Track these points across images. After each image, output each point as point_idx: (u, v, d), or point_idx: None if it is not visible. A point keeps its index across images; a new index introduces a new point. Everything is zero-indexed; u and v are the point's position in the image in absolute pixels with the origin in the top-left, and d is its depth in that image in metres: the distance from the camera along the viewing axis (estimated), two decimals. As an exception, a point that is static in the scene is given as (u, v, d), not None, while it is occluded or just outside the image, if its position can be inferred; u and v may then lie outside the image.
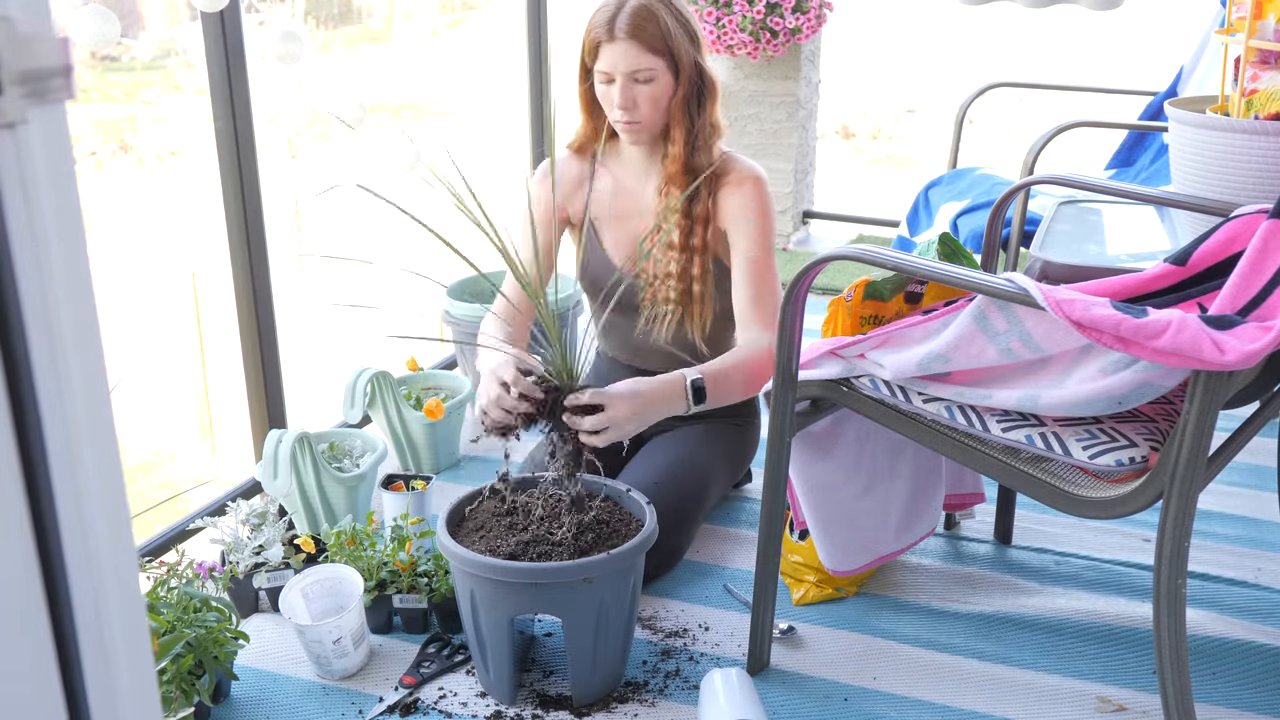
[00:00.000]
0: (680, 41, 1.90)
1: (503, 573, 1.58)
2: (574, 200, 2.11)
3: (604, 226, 2.09)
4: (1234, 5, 2.10)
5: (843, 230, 4.49)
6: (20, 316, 0.53)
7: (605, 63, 1.90)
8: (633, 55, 1.87)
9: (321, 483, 2.06)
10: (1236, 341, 1.23)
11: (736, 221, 1.97)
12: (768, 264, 1.98)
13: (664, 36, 1.88)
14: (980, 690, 1.73)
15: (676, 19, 1.91)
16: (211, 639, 1.63)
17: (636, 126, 1.93)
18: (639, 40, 1.87)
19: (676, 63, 1.91)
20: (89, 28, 1.80)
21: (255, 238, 2.26)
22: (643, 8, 1.88)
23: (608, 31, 1.88)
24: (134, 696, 0.61)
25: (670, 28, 1.89)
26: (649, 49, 1.88)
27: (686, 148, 1.95)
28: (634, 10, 1.88)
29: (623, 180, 2.07)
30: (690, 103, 1.94)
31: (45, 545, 0.55)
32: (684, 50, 1.91)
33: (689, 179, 1.96)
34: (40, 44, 0.51)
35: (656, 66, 1.89)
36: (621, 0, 1.90)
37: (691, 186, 1.94)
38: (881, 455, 1.86)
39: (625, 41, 1.87)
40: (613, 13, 1.89)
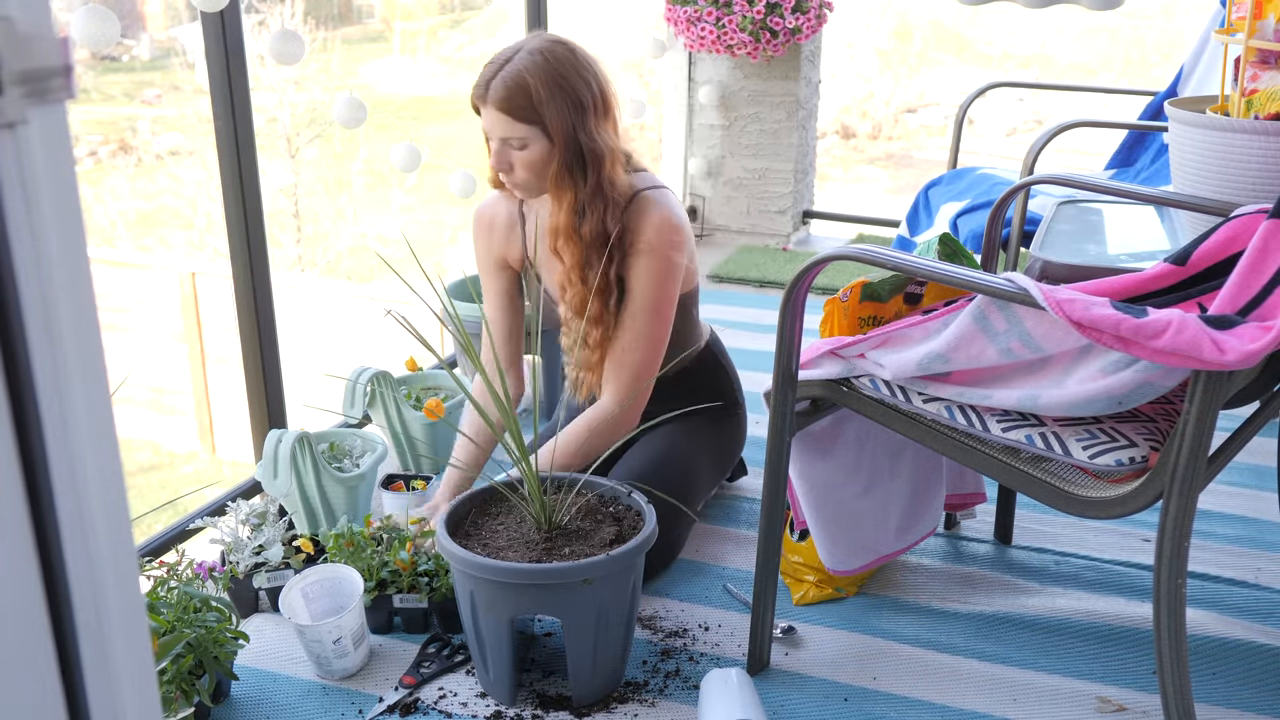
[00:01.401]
0: (556, 110, 1.82)
1: (502, 574, 1.58)
2: (509, 245, 2.09)
3: (542, 267, 2.08)
4: (1234, 5, 2.10)
5: (843, 230, 4.49)
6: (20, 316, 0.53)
7: (483, 122, 1.88)
8: (501, 122, 1.83)
9: (321, 483, 2.06)
10: (1236, 341, 1.23)
11: (633, 280, 1.92)
12: (649, 328, 1.93)
13: (534, 107, 1.82)
14: (980, 690, 1.73)
15: (557, 87, 1.82)
16: (211, 639, 1.63)
17: (516, 188, 1.92)
18: (505, 110, 1.82)
19: (549, 133, 1.84)
20: (89, 28, 1.80)
21: (255, 238, 2.26)
22: (515, 76, 1.81)
23: (481, 94, 1.85)
24: (134, 696, 0.61)
25: (542, 97, 1.81)
26: (517, 118, 1.82)
27: (571, 216, 1.88)
28: (505, 77, 1.82)
29: (545, 222, 2.04)
30: (571, 170, 1.86)
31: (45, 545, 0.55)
32: (560, 119, 1.83)
33: (580, 245, 1.89)
34: (40, 44, 0.51)
35: (527, 134, 1.84)
36: (505, 59, 1.84)
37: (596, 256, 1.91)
38: (882, 455, 1.86)
39: (492, 109, 1.83)
40: (491, 74, 1.84)
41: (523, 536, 1.69)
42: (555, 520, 1.70)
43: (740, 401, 2.23)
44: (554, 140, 1.85)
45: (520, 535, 1.70)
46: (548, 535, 1.69)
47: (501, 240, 2.09)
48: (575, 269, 1.91)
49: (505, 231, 2.08)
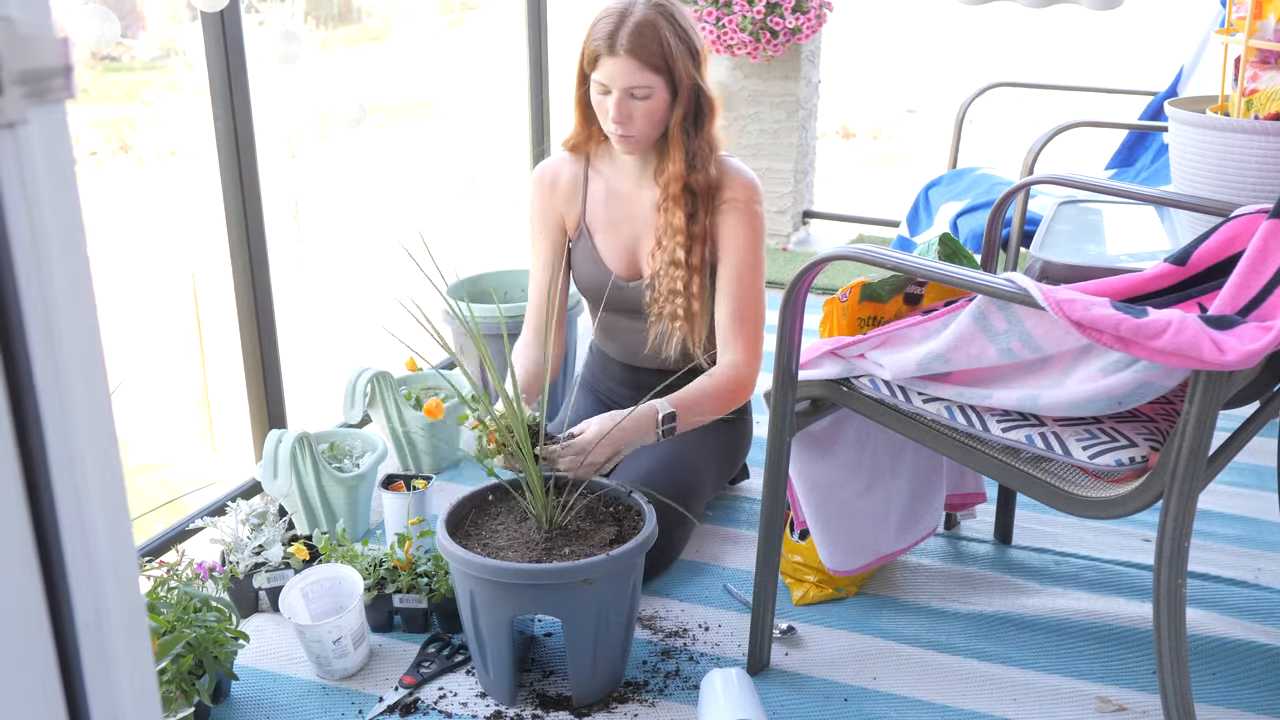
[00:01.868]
0: (681, 60, 1.87)
1: (502, 574, 1.58)
2: (570, 208, 2.10)
3: (598, 231, 2.09)
4: (1234, 5, 2.10)
5: (843, 230, 4.49)
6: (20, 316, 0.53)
7: (603, 74, 1.87)
8: (631, 71, 1.84)
9: (321, 483, 2.06)
10: (1236, 341, 1.23)
11: (728, 237, 1.96)
12: (754, 283, 1.97)
13: (664, 55, 1.85)
14: (980, 690, 1.73)
15: (680, 36, 1.87)
16: (211, 639, 1.63)
17: (630, 140, 1.92)
18: (638, 57, 1.83)
19: (675, 81, 1.88)
20: (89, 28, 1.80)
21: (255, 238, 2.26)
22: (646, 24, 1.84)
23: (608, 45, 1.85)
24: (134, 696, 0.61)
25: (672, 46, 1.85)
26: (648, 66, 1.84)
27: (685, 167, 1.92)
28: (636, 25, 1.84)
29: (616, 186, 2.06)
30: (688, 121, 1.91)
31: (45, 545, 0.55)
32: (684, 69, 1.87)
33: (688, 196, 1.94)
34: (40, 44, 0.51)
35: (654, 84, 1.86)
36: (625, 11, 1.86)
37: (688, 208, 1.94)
38: (882, 455, 1.86)
39: (625, 57, 1.84)
40: (614, 25, 1.85)
41: (523, 536, 1.69)
42: (556, 520, 1.70)
43: (749, 407, 2.23)
44: (679, 89, 1.88)
45: (520, 535, 1.69)
46: (548, 535, 1.69)
47: (564, 200, 2.09)
48: (685, 217, 1.93)
49: (569, 192, 2.09)
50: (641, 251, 2.06)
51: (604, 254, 2.09)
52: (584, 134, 2.05)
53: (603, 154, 2.08)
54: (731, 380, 1.96)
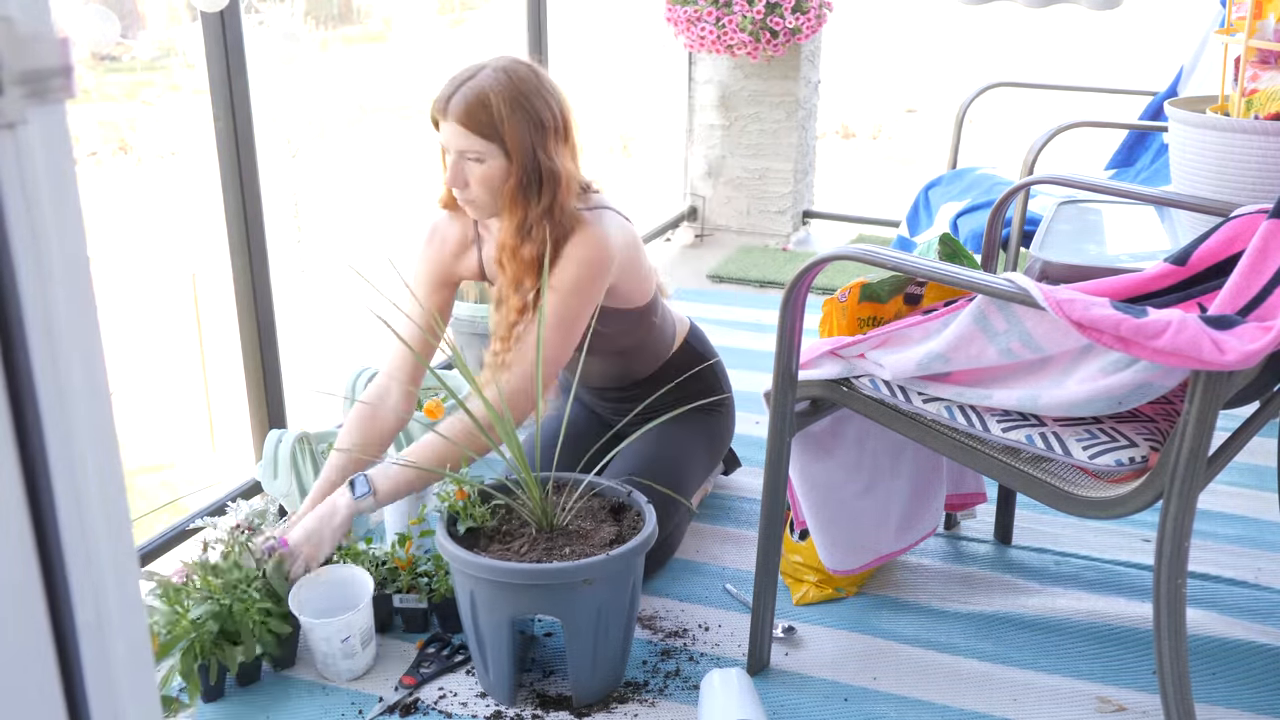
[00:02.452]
0: (516, 129, 1.82)
1: (502, 574, 1.58)
2: (461, 263, 2.06)
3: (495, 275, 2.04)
4: (1234, 5, 2.10)
5: (843, 230, 4.49)
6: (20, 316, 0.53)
7: (441, 136, 1.87)
8: (460, 136, 1.83)
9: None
10: (1236, 341, 1.23)
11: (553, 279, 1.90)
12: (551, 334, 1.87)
13: (492, 123, 1.82)
14: (980, 690, 1.73)
15: (515, 103, 1.82)
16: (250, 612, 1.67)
17: (469, 204, 1.90)
18: (465, 124, 1.82)
19: (507, 150, 1.84)
20: (89, 28, 1.80)
21: (255, 238, 2.26)
22: (478, 93, 1.82)
23: (441, 108, 1.85)
24: (134, 696, 0.61)
25: (503, 115, 1.81)
26: (476, 133, 1.82)
27: (516, 237, 1.88)
28: (467, 92, 1.82)
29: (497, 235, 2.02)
30: (526, 190, 1.86)
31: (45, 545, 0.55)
32: (520, 138, 1.83)
33: (519, 265, 1.89)
34: (40, 44, 0.51)
35: (485, 150, 1.84)
36: (468, 76, 1.85)
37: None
38: (882, 455, 1.86)
39: (453, 123, 1.83)
40: (452, 89, 1.85)
41: (524, 537, 1.69)
42: (555, 521, 1.70)
43: (726, 393, 2.23)
44: (511, 158, 1.84)
45: (520, 536, 1.70)
46: (548, 536, 1.69)
47: (453, 257, 2.06)
48: (510, 285, 1.91)
49: (457, 250, 2.05)
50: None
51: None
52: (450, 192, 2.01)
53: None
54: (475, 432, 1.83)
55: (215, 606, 1.65)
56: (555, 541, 1.67)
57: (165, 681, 1.64)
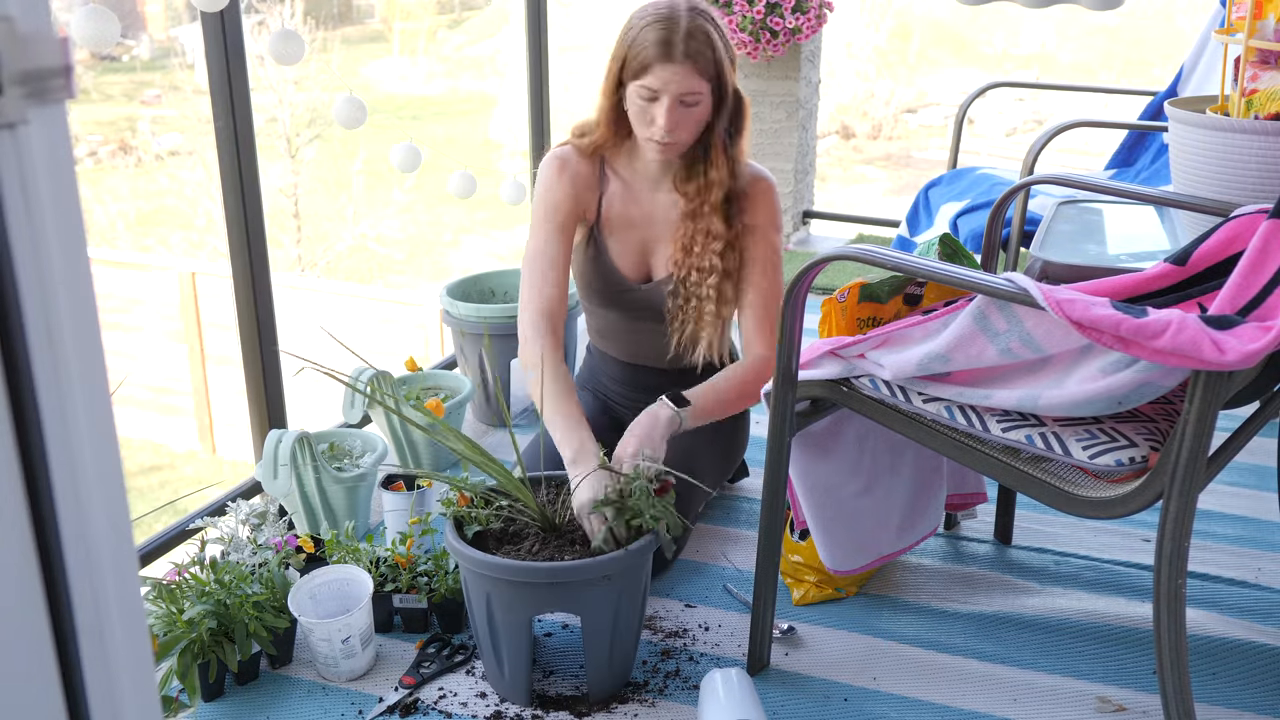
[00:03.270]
0: (727, 68, 1.88)
1: (522, 573, 1.58)
2: (588, 202, 2.05)
3: (611, 233, 2.05)
4: (1234, 5, 2.10)
5: (843, 230, 4.49)
6: (20, 316, 0.53)
7: (656, 80, 1.83)
8: (688, 78, 1.82)
9: (321, 483, 2.05)
10: (1236, 341, 1.23)
11: (755, 236, 1.98)
12: (778, 280, 2.00)
13: (715, 62, 1.84)
14: (980, 690, 1.73)
15: (725, 45, 1.87)
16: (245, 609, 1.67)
17: (672, 148, 1.90)
18: (696, 64, 1.81)
19: (721, 89, 1.88)
20: (89, 28, 1.80)
21: (255, 238, 2.26)
22: (700, 30, 1.82)
23: (663, 51, 1.81)
24: (134, 696, 0.61)
25: (722, 53, 1.86)
26: (701, 74, 1.83)
27: (728, 174, 1.93)
28: (691, 32, 1.82)
29: (633, 187, 2.03)
30: (730, 126, 1.93)
31: (45, 545, 0.55)
32: (728, 76, 1.88)
33: (727, 203, 1.96)
34: (40, 44, 0.51)
35: (703, 91, 1.85)
36: (672, 17, 1.83)
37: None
38: (882, 455, 1.86)
39: (682, 64, 1.80)
40: (666, 31, 1.81)
41: (532, 537, 1.69)
42: (555, 521, 1.71)
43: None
44: (725, 96, 1.89)
45: (529, 536, 1.70)
46: (556, 535, 1.69)
47: (586, 192, 2.04)
48: (724, 223, 1.95)
49: (586, 186, 2.05)
50: (654, 255, 2.05)
51: (615, 255, 2.06)
52: (608, 139, 2.00)
53: (620, 154, 2.04)
54: (755, 375, 1.96)
55: (211, 605, 1.65)
56: (564, 540, 1.68)
57: (165, 682, 1.64)
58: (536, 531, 1.70)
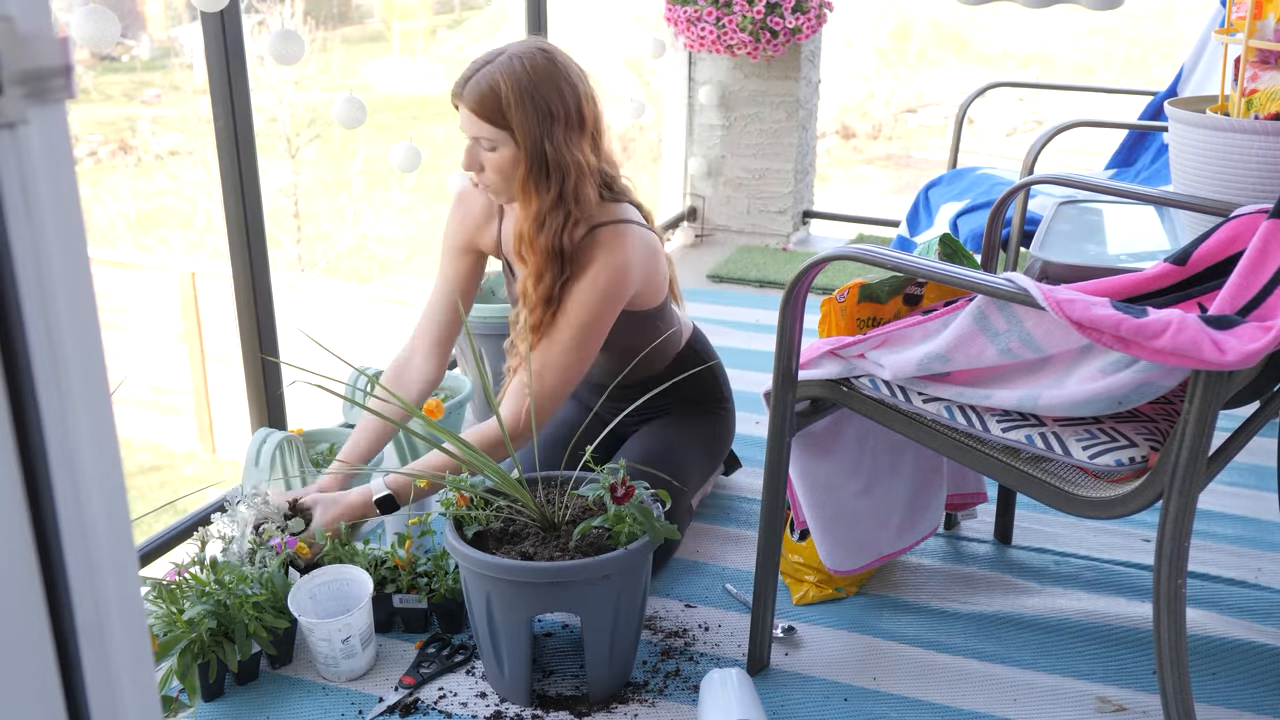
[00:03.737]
0: (525, 118, 1.82)
1: (524, 573, 1.58)
2: (483, 233, 2.09)
3: (515, 259, 2.06)
4: (1234, 5, 2.10)
5: (843, 230, 4.49)
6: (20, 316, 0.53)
7: (459, 118, 1.89)
8: (471, 122, 1.85)
9: (305, 485, 2.04)
10: (1236, 341, 1.23)
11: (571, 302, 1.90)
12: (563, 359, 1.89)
13: (502, 111, 1.82)
14: (980, 690, 1.73)
15: (527, 95, 1.82)
16: (245, 609, 1.67)
17: (486, 188, 1.92)
18: (476, 111, 1.83)
19: (516, 138, 1.85)
20: (89, 28, 1.80)
21: (255, 238, 2.26)
22: (489, 79, 1.82)
23: (457, 92, 1.86)
24: (134, 696, 0.61)
25: (511, 103, 1.81)
26: (486, 120, 1.83)
27: (533, 226, 1.88)
28: (479, 79, 1.83)
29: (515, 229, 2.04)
30: (537, 179, 1.86)
31: (45, 545, 0.55)
32: (529, 128, 1.83)
33: (538, 256, 1.89)
34: (40, 44, 0.51)
35: (496, 137, 1.84)
36: (484, 63, 1.86)
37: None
38: (882, 455, 1.86)
39: (465, 109, 1.85)
40: (468, 75, 1.85)
41: (532, 537, 1.69)
42: (555, 520, 1.71)
43: (726, 395, 2.23)
44: (520, 146, 1.85)
45: (528, 536, 1.70)
46: (555, 535, 1.69)
47: (474, 226, 2.09)
48: (531, 276, 1.92)
49: (481, 219, 2.08)
50: None
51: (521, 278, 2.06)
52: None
53: None
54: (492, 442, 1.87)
55: (211, 605, 1.65)
56: (563, 540, 1.68)
57: (165, 682, 1.64)
58: (536, 531, 1.70)
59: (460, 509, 1.69)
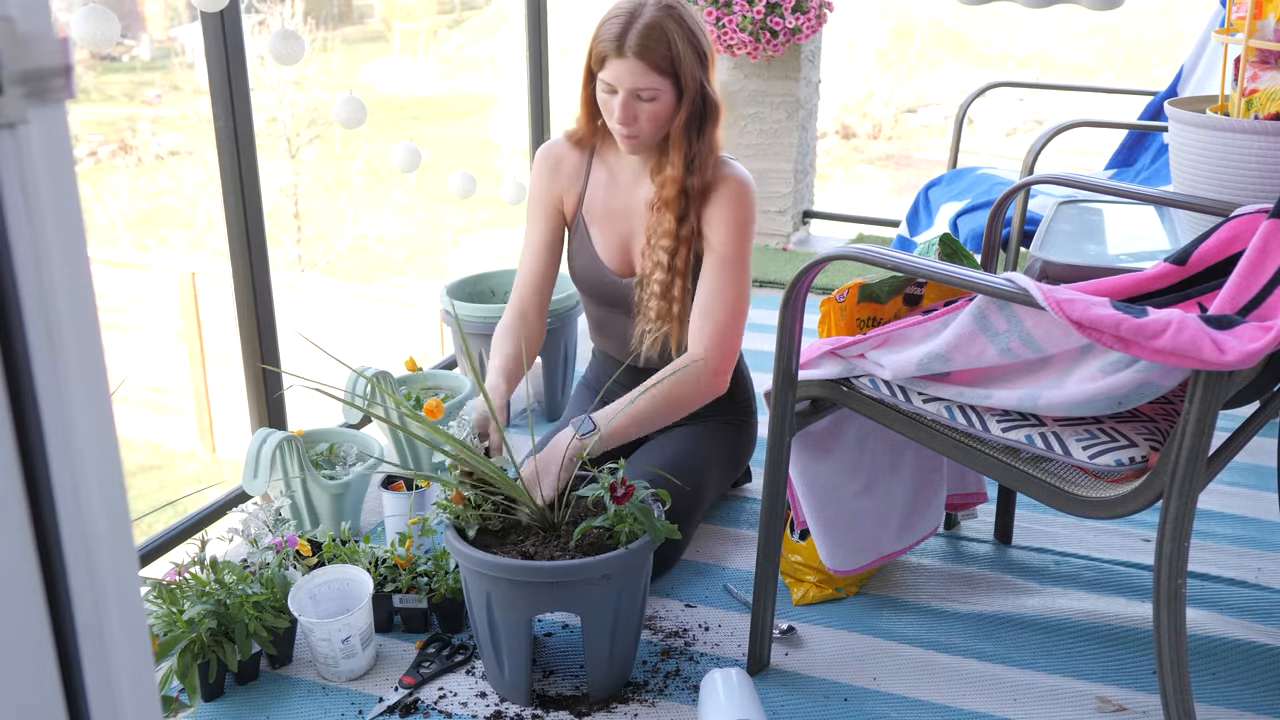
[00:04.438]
0: (688, 64, 1.85)
1: (524, 573, 1.58)
2: (569, 193, 2.09)
3: (594, 223, 2.08)
4: (1234, 5, 2.10)
5: (843, 230, 4.49)
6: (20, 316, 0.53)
7: (610, 75, 1.86)
8: (638, 74, 1.83)
9: (306, 486, 2.05)
10: (1236, 341, 1.23)
11: (714, 226, 1.94)
12: (732, 273, 1.93)
13: (671, 59, 1.83)
14: (980, 690, 1.73)
15: (688, 40, 1.85)
16: (244, 608, 1.67)
17: (634, 140, 1.91)
18: (646, 60, 1.82)
19: (681, 85, 1.86)
20: (89, 28, 1.80)
21: (255, 238, 2.26)
22: (655, 26, 1.82)
23: (616, 46, 1.83)
24: (134, 696, 0.61)
25: (679, 50, 1.84)
26: (655, 69, 1.83)
27: (683, 170, 1.91)
28: (645, 27, 1.82)
29: (617, 178, 2.06)
30: (691, 126, 1.90)
31: (45, 545, 0.55)
32: (691, 73, 1.86)
33: (681, 199, 1.93)
34: (40, 44, 0.51)
35: (661, 87, 1.85)
36: (634, 12, 1.84)
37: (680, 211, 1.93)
38: (882, 455, 1.86)
39: (632, 59, 1.82)
40: (623, 26, 1.83)
41: (531, 537, 1.69)
42: (556, 521, 1.71)
43: (754, 410, 2.22)
44: (685, 93, 1.87)
45: (527, 536, 1.69)
46: (556, 534, 1.69)
47: (566, 183, 2.09)
48: (675, 220, 1.93)
49: (571, 176, 2.08)
50: (635, 248, 2.06)
51: (599, 246, 2.09)
52: (589, 129, 2.04)
53: (607, 145, 2.07)
54: (685, 382, 1.90)
55: (211, 604, 1.66)
56: (563, 539, 1.68)
57: (165, 682, 1.64)
58: (536, 531, 1.70)
59: (456, 507, 1.68)
